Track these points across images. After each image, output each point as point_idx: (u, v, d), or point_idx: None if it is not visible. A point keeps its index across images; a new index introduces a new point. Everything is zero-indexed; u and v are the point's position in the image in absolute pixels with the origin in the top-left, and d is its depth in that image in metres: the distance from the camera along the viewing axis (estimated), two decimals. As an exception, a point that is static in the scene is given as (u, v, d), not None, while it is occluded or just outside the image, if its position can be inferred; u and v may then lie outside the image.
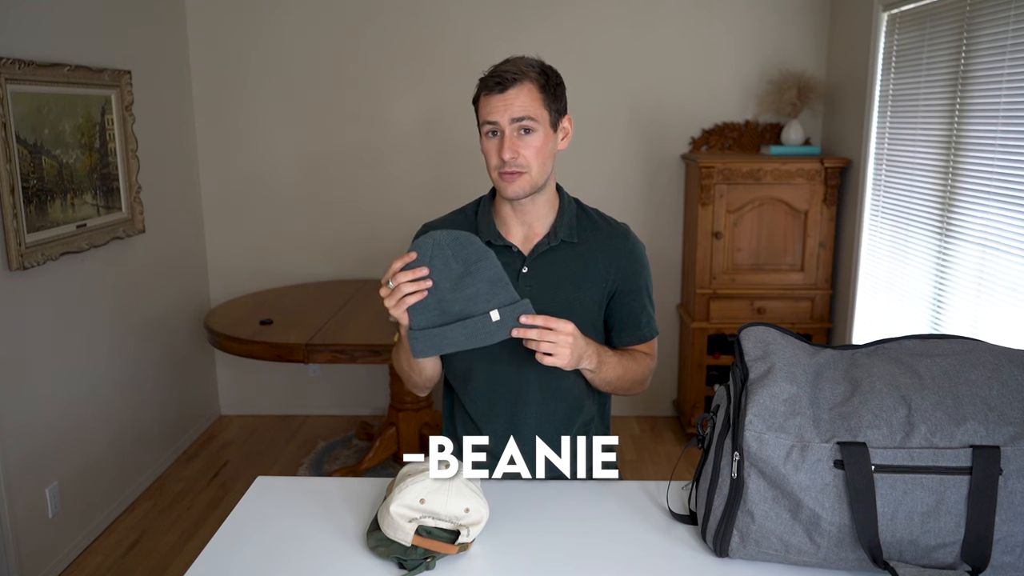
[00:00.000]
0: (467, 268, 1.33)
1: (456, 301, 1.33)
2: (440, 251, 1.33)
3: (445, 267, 1.33)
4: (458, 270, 1.33)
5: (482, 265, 1.33)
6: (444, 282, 1.33)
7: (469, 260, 1.33)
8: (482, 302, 1.33)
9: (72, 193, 2.94)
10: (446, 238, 1.34)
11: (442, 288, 1.33)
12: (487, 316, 1.32)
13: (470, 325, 1.33)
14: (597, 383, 1.50)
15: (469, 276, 1.33)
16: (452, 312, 1.33)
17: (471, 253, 1.34)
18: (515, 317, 1.33)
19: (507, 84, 1.41)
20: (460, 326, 1.33)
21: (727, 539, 1.14)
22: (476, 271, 1.33)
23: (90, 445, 3.07)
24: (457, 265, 1.33)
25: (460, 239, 1.34)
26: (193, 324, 3.96)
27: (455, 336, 1.33)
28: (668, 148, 3.96)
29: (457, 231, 1.35)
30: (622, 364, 1.51)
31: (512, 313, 1.33)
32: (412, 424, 3.52)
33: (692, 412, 3.81)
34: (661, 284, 4.03)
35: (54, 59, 2.83)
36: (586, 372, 1.45)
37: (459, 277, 1.33)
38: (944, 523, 1.04)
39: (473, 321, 1.33)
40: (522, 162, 1.43)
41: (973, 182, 2.59)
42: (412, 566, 1.15)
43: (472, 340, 1.33)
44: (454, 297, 1.33)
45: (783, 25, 3.82)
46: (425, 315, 1.34)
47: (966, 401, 1.07)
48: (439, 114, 3.95)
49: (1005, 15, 2.40)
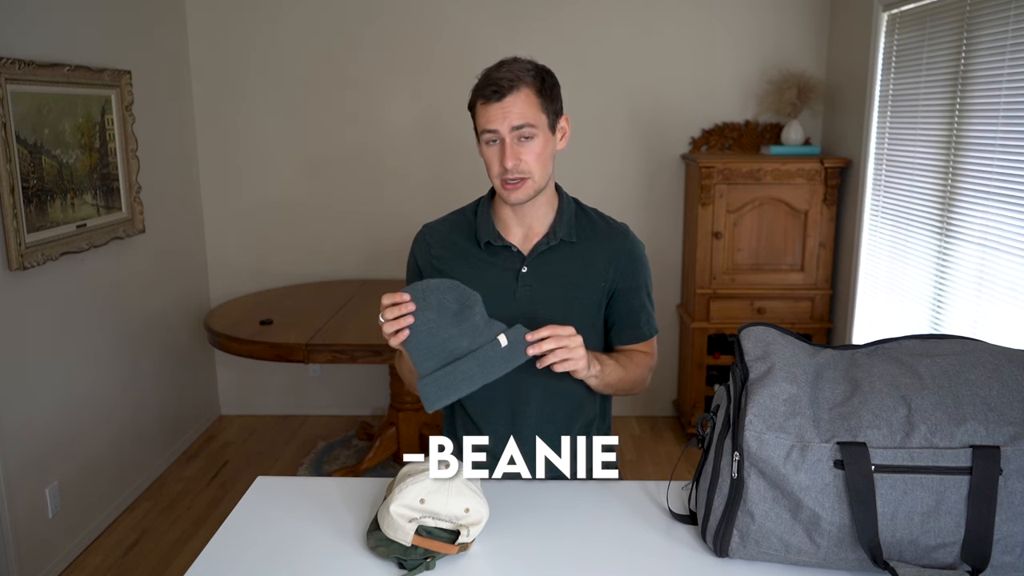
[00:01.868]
0: (462, 304, 1.33)
1: (462, 336, 1.32)
2: (434, 293, 1.32)
3: (441, 306, 1.32)
4: (454, 307, 1.33)
5: (475, 300, 1.34)
6: (444, 321, 1.32)
7: (462, 299, 1.33)
8: (485, 333, 1.32)
9: (72, 193, 2.94)
10: (435, 283, 1.34)
11: (444, 326, 1.32)
12: (496, 343, 1.31)
13: (481, 355, 1.31)
14: (600, 388, 1.50)
15: (467, 310, 1.33)
16: (460, 348, 1.32)
17: (462, 293, 1.34)
18: (520, 338, 1.32)
19: (504, 92, 1.40)
20: (472, 358, 1.31)
21: (727, 539, 1.14)
22: (471, 306, 1.33)
23: (90, 445, 3.07)
24: (453, 304, 1.33)
25: (447, 283, 1.34)
26: (193, 324, 3.96)
27: (469, 371, 1.31)
28: (668, 148, 3.96)
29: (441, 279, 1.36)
30: (621, 366, 1.51)
31: (516, 335, 1.32)
32: (412, 424, 3.52)
33: (692, 412, 3.81)
34: (661, 284, 4.03)
35: (54, 59, 2.83)
36: (591, 380, 1.45)
37: (457, 313, 1.33)
38: (944, 523, 1.04)
39: (484, 351, 1.31)
40: (524, 168, 1.43)
41: (973, 182, 2.59)
42: (412, 566, 1.15)
43: (486, 371, 1.31)
44: (459, 332, 1.32)
45: (783, 25, 3.82)
46: (431, 359, 1.32)
47: (966, 401, 1.07)
48: (439, 114, 3.96)
49: (1005, 15, 2.40)
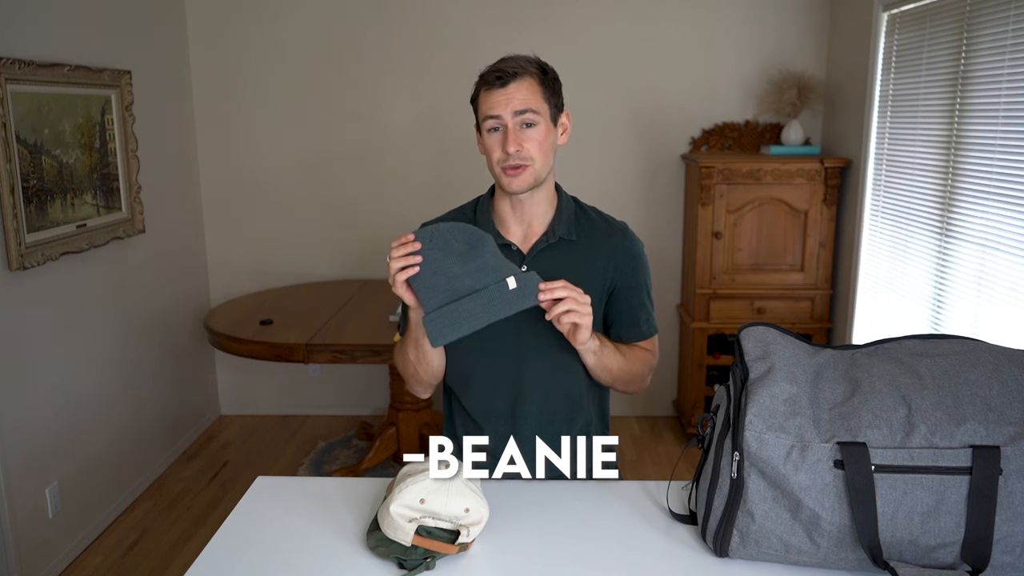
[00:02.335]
0: (471, 245, 1.30)
1: (467, 275, 1.29)
2: (439, 236, 1.30)
3: (447, 247, 1.30)
4: (461, 249, 1.30)
5: (485, 242, 1.31)
6: (449, 260, 1.29)
7: (471, 240, 1.31)
8: (493, 272, 1.29)
9: (72, 193, 2.94)
10: (444, 226, 1.32)
11: (449, 266, 1.29)
12: (503, 283, 1.28)
13: (486, 295, 1.28)
14: (599, 370, 1.49)
15: (475, 251, 1.30)
16: (464, 287, 1.28)
17: (471, 235, 1.32)
18: (532, 284, 1.29)
19: (508, 79, 1.42)
20: (476, 297, 1.28)
21: (727, 539, 1.14)
22: (480, 246, 1.30)
23: (90, 445, 3.07)
24: (459, 245, 1.30)
25: (458, 226, 1.32)
26: (193, 324, 3.96)
27: (473, 308, 1.27)
28: (668, 148, 3.96)
29: (452, 222, 1.34)
30: (621, 353, 1.51)
31: (528, 281, 1.29)
32: (412, 424, 3.52)
33: (692, 412, 3.81)
34: (661, 284, 4.02)
35: (54, 59, 2.83)
36: (589, 355, 1.44)
37: (464, 253, 1.30)
38: (944, 523, 1.04)
39: (489, 290, 1.28)
40: (526, 155, 1.44)
41: (973, 182, 2.59)
42: (412, 566, 1.15)
43: (491, 311, 1.27)
44: (464, 271, 1.29)
45: (783, 25, 3.82)
46: (436, 296, 1.29)
47: (966, 401, 1.07)
48: (439, 114, 3.96)
49: (1005, 15, 2.40)
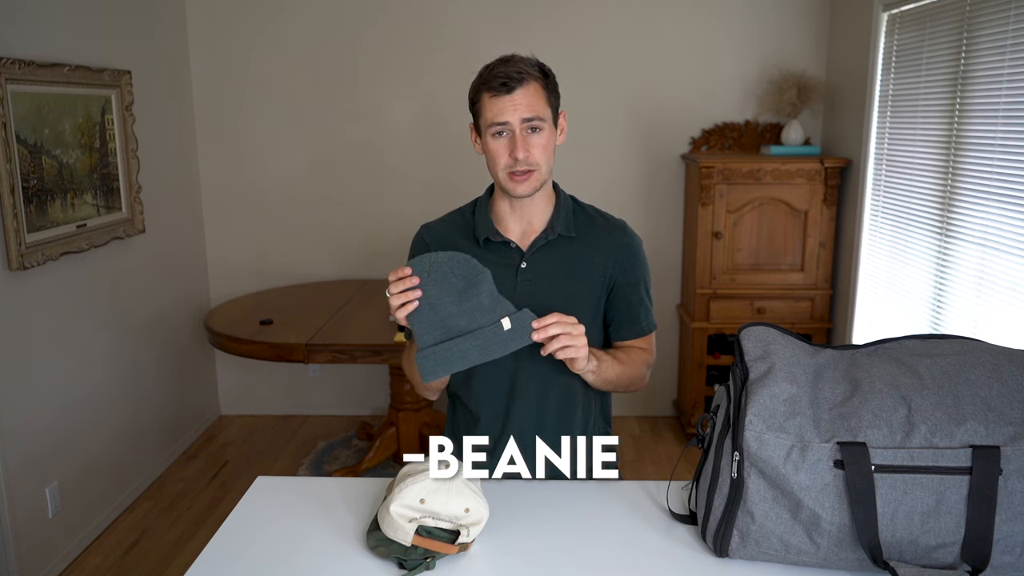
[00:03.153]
0: (468, 282, 1.31)
1: (462, 315, 1.30)
2: (437, 268, 1.30)
3: (444, 282, 1.30)
4: (458, 285, 1.31)
5: (483, 278, 1.31)
6: (446, 298, 1.30)
7: (468, 275, 1.31)
8: (488, 313, 1.30)
9: (72, 193, 2.94)
10: (442, 256, 1.31)
11: (445, 303, 1.30)
12: (498, 325, 1.30)
13: (481, 336, 1.29)
14: (598, 384, 1.50)
15: (472, 289, 1.30)
16: (459, 327, 1.30)
17: (469, 268, 1.32)
18: (526, 323, 1.31)
19: (514, 85, 1.42)
20: (471, 338, 1.29)
21: (727, 539, 1.14)
22: (477, 284, 1.31)
23: (90, 445, 3.07)
24: (457, 280, 1.31)
25: (456, 257, 1.32)
26: (193, 324, 3.96)
27: (467, 349, 1.29)
28: (668, 148, 3.96)
29: (452, 252, 1.33)
30: (619, 362, 1.51)
31: (521, 320, 1.31)
32: (412, 424, 3.52)
33: (692, 412, 3.81)
34: (661, 284, 4.03)
35: (54, 59, 2.83)
36: (588, 375, 1.45)
37: (461, 291, 1.30)
38: (944, 523, 1.04)
39: (484, 332, 1.30)
40: (532, 160, 1.45)
41: (973, 182, 2.59)
42: (412, 566, 1.15)
43: (485, 352, 1.30)
44: (460, 310, 1.30)
45: (783, 25, 3.82)
46: (431, 333, 1.31)
47: (966, 401, 1.07)
48: (439, 114, 3.96)
49: (1005, 15, 2.40)
